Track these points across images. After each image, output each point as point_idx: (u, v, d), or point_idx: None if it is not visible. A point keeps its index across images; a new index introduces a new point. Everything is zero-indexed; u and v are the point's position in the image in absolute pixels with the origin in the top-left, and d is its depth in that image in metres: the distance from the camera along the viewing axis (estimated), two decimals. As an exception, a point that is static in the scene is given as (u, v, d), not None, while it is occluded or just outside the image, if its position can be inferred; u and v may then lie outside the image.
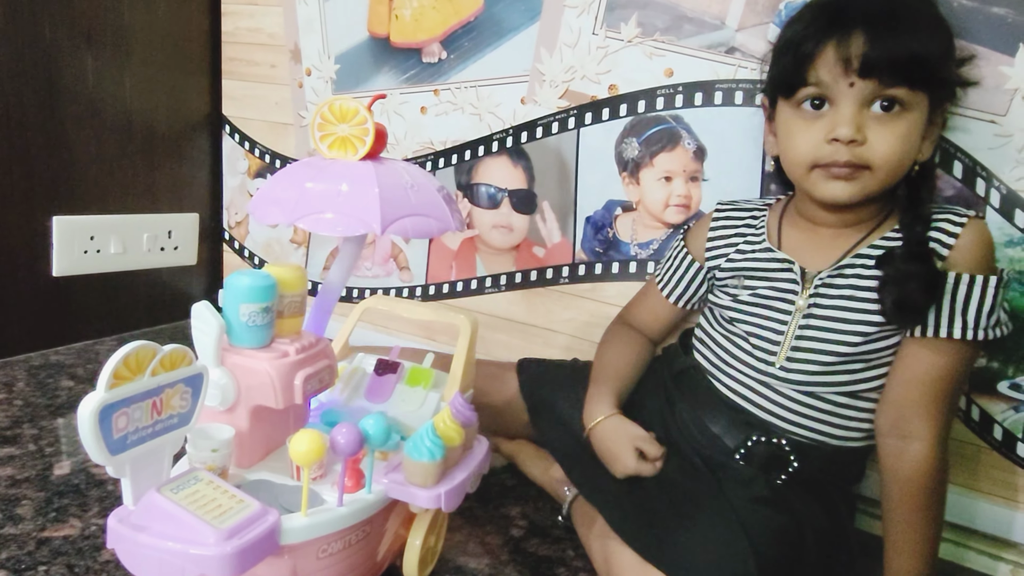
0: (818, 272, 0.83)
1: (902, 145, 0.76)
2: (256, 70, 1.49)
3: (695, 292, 0.96)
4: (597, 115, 1.13)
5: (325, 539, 0.64)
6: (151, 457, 0.59)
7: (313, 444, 0.61)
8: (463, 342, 0.86)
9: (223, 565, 0.54)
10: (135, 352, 0.56)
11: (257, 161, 1.54)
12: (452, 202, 0.82)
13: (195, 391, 0.63)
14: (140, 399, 0.57)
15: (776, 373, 0.84)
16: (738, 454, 0.86)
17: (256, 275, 0.67)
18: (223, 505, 0.58)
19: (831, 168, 0.78)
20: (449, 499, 0.70)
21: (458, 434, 0.71)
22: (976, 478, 0.94)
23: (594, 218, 1.17)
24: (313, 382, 0.69)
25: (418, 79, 1.30)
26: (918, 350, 0.78)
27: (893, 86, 0.74)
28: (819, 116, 0.78)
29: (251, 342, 0.68)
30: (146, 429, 0.58)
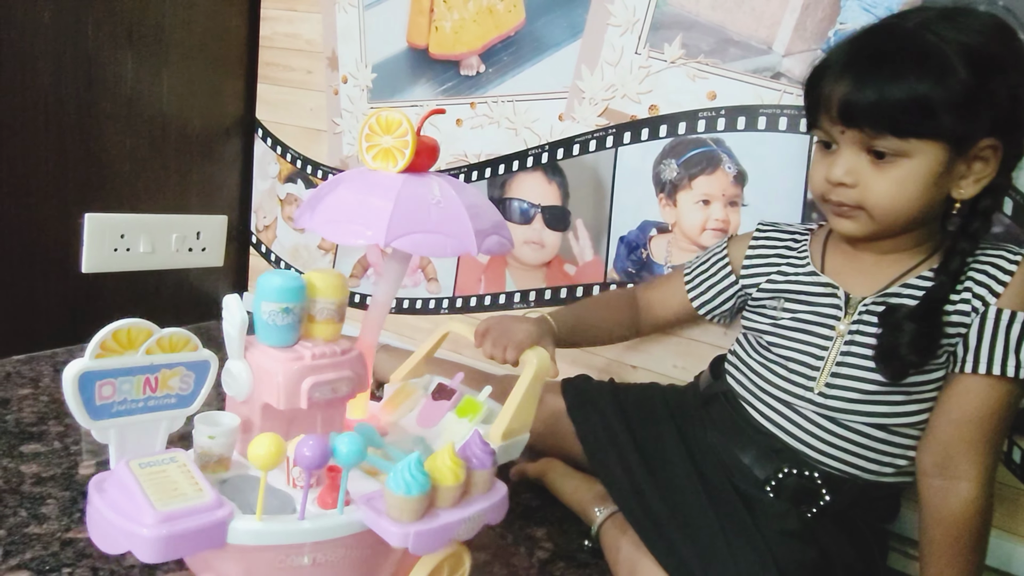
0: (862, 298, 0.82)
1: (896, 191, 0.75)
2: (292, 75, 1.50)
3: (720, 304, 0.97)
4: (636, 135, 1.12)
5: (282, 549, 0.61)
6: (142, 430, 0.63)
7: (272, 449, 0.59)
8: (524, 379, 0.78)
9: (149, 546, 0.55)
10: (127, 328, 0.60)
11: (288, 166, 1.54)
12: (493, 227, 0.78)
13: (199, 376, 0.66)
14: (130, 373, 0.61)
15: (814, 399, 0.82)
16: (768, 486, 0.84)
17: (284, 276, 0.69)
18: (180, 490, 0.59)
19: (832, 205, 0.80)
20: (420, 541, 0.62)
21: (454, 474, 0.65)
22: (1015, 521, 0.91)
23: (628, 238, 1.16)
24: (324, 390, 0.69)
25: (455, 91, 1.30)
26: (969, 387, 0.77)
27: (878, 135, 0.73)
28: (829, 154, 0.79)
29: (271, 340, 0.70)
30: (136, 403, 0.62)
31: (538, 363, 0.79)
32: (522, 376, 0.78)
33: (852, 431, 0.82)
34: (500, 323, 0.86)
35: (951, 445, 0.77)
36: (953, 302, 0.77)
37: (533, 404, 0.78)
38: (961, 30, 0.72)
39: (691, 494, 0.82)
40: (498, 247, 0.78)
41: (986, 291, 0.76)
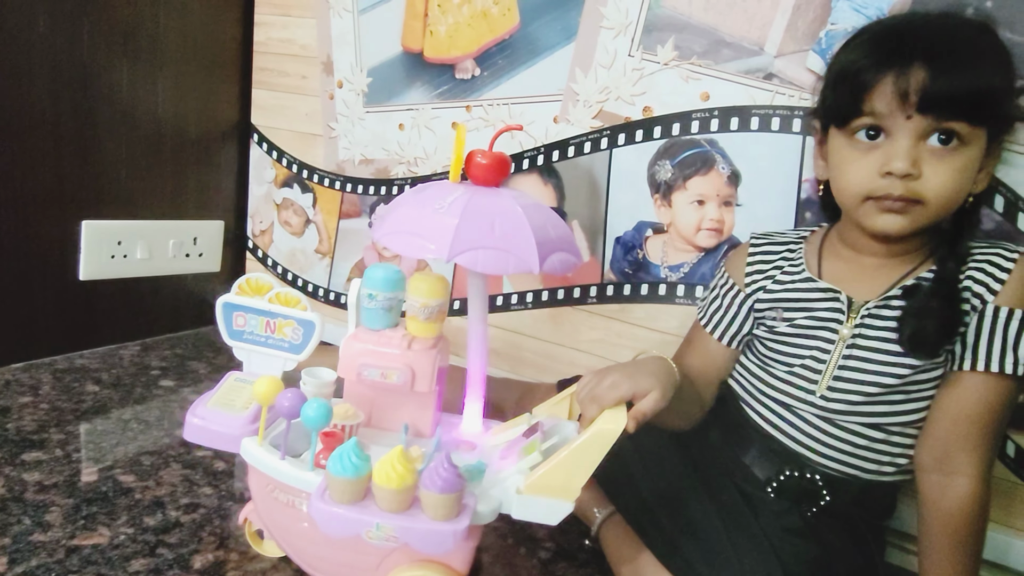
0: (865, 302, 0.82)
1: (958, 180, 0.75)
2: (287, 80, 1.50)
3: (747, 329, 0.92)
4: (631, 136, 1.13)
5: (265, 478, 0.74)
6: (264, 360, 0.83)
7: (267, 389, 0.71)
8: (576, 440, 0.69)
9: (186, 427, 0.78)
10: (256, 279, 0.81)
11: (284, 171, 1.55)
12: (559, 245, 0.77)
13: (306, 332, 0.81)
14: (256, 313, 0.82)
15: (816, 402, 0.83)
16: (770, 487, 0.85)
17: (378, 266, 0.80)
18: (235, 403, 0.79)
19: (884, 201, 0.77)
20: (322, 518, 0.66)
21: (388, 477, 0.65)
22: (1010, 515, 0.92)
23: (624, 239, 1.17)
24: (372, 371, 0.77)
25: (451, 95, 1.30)
26: (967, 384, 0.77)
27: (952, 120, 0.73)
28: (873, 147, 0.77)
29: (363, 321, 0.81)
30: (259, 336, 0.82)
31: (600, 426, 0.68)
32: (579, 435, 0.70)
33: (853, 433, 0.82)
34: (597, 374, 0.76)
35: (949, 441, 0.78)
36: None
37: (583, 469, 0.68)
38: (980, 28, 0.75)
39: (692, 493, 0.83)
40: (562, 265, 0.76)
41: (984, 289, 0.77)
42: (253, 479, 0.77)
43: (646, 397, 0.73)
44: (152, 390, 1.25)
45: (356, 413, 0.76)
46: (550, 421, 0.81)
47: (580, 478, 0.68)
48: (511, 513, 0.70)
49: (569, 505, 0.69)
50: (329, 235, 1.51)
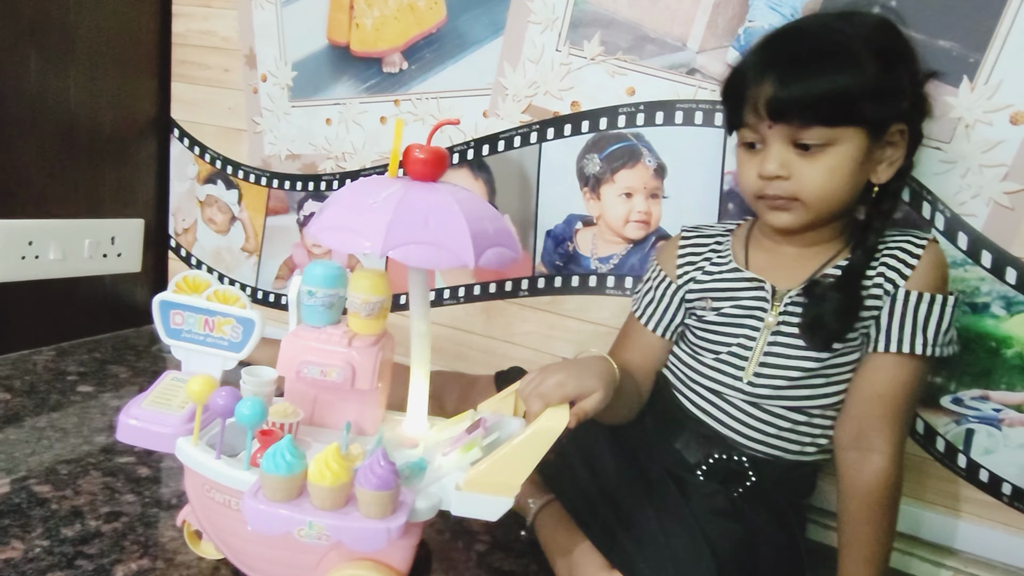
0: (788, 290, 0.85)
1: (827, 178, 0.79)
2: (208, 74, 1.46)
3: (680, 319, 0.95)
4: (559, 130, 1.14)
5: (201, 478, 0.72)
6: (203, 359, 0.81)
7: (201, 388, 0.70)
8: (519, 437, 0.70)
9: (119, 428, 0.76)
10: (193, 277, 0.81)
11: (207, 167, 1.50)
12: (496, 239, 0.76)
13: (246, 330, 0.80)
14: (193, 311, 0.80)
15: (744, 388, 0.86)
16: (699, 470, 0.88)
17: (318, 263, 0.80)
18: (171, 402, 0.78)
19: (767, 200, 0.83)
20: (253, 516, 0.65)
21: (321, 475, 0.64)
22: (922, 488, 0.97)
23: (555, 232, 1.18)
24: (312, 368, 0.76)
25: (378, 89, 1.29)
26: (880, 365, 0.82)
27: (808, 127, 0.77)
28: (756, 153, 0.83)
29: (303, 318, 0.80)
30: (197, 335, 0.81)
31: (543, 423, 0.69)
32: (520, 432, 0.71)
33: (777, 416, 0.86)
34: (541, 372, 0.76)
35: (865, 420, 0.82)
36: (867, 287, 0.82)
37: (524, 466, 0.68)
38: (858, 27, 0.78)
39: (625, 479, 0.84)
40: (498, 260, 0.75)
41: (896, 274, 0.81)
42: (189, 480, 0.75)
43: (589, 397, 0.75)
44: (69, 396, 1.19)
45: (295, 411, 0.75)
46: (494, 417, 0.81)
47: (521, 474, 0.68)
48: (451, 510, 0.70)
49: (509, 501, 0.69)
50: (256, 232, 1.47)
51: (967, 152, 0.89)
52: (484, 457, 0.71)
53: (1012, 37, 0.86)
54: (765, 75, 0.78)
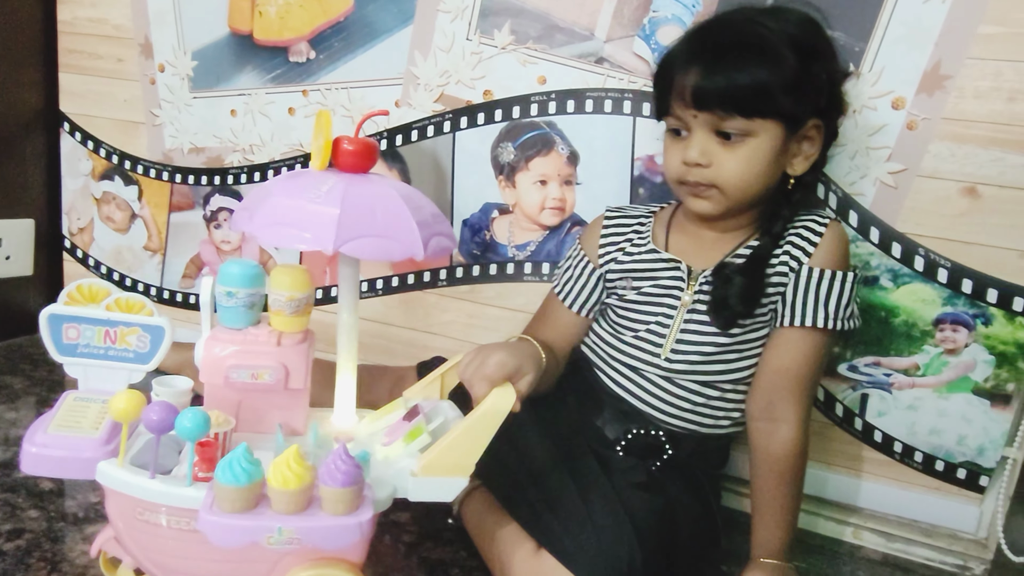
0: (703, 271, 0.89)
1: (745, 167, 0.83)
2: (100, 64, 1.38)
3: (597, 298, 0.98)
4: (473, 120, 1.15)
5: (132, 500, 0.67)
6: (106, 375, 0.76)
7: (128, 405, 0.65)
8: (470, 416, 0.71)
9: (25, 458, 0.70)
10: (88, 285, 0.75)
11: (103, 162, 1.42)
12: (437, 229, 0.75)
13: (154, 339, 0.76)
14: (91, 323, 0.74)
15: (661, 364, 0.90)
16: (619, 446, 0.91)
17: (234, 262, 0.76)
18: (81, 424, 0.71)
19: (688, 186, 0.87)
20: (214, 531, 0.63)
21: (285, 479, 0.63)
22: (825, 452, 1.04)
23: (471, 221, 1.19)
24: (241, 372, 0.73)
25: (285, 79, 1.26)
26: (786, 339, 0.86)
27: (729, 117, 0.81)
28: (681, 140, 0.86)
29: (222, 320, 0.76)
30: (97, 349, 0.75)
31: (492, 402, 0.71)
32: (471, 413, 0.72)
33: (693, 392, 0.90)
34: (479, 353, 0.77)
35: (773, 392, 0.87)
36: (773, 264, 0.87)
37: (476, 445, 0.70)
38: (782, 23, 0.82)
39: (550, 459, 0.86)
40: (441, 250, 0.75)
41: (800, 252, 0.86)
42: (115, 505, 0.69)
43: (523, 379, 0.76)
44: (-42, 410, 1.11)
45: (227, 419, 0.72)
46: (429, 403, 0.81)
47: (474, 454, 0.70)
48: (407, 496, 0.71)
49: (464, 480, 0.71)
50: (159, 230, 1.41)
51: (855, 136, 0.95)
52: (434, 442, 0.72)
53: (891, 28, 0.92)
54: (691, 64, 0.81)
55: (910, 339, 0.98)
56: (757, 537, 0.89)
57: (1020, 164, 0.89)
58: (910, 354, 0.98)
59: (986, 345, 0.95)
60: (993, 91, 0.89)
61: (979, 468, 0.98)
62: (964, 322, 0.95)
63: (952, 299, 0.95)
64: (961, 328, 0.95)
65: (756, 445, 0.89)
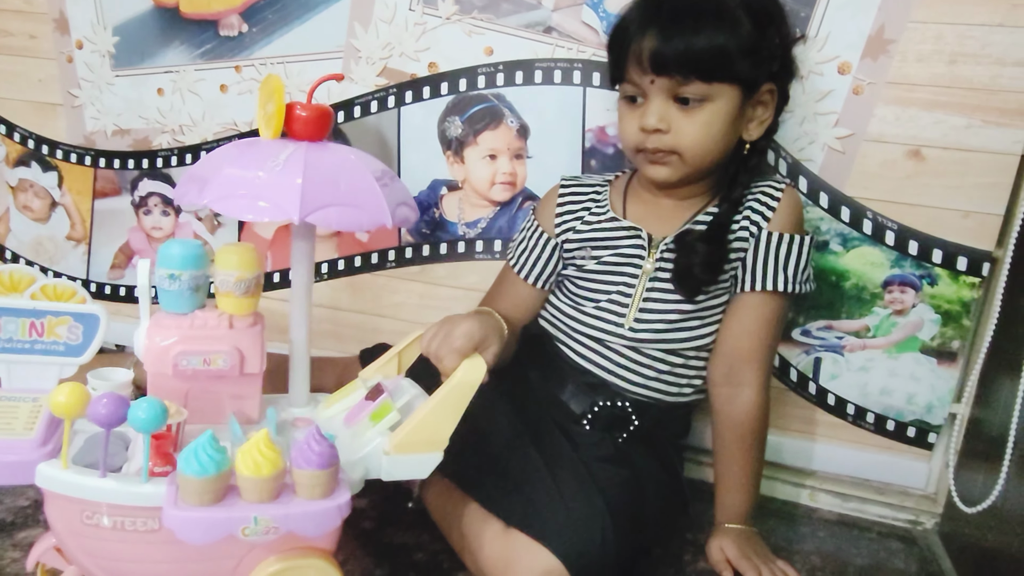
0: (663, 238, 0.88)
1: (704, 132, 0.83)
2: (10, 41, 1.28)
3: (553, 269, 0.96)
4: (418, 93, 1.11)
5: (80, 504, 0.61)
6: (32, 371, 0.69)
7: (71, 398, 0.59)
8: (441, 390, 0.70)
9: None
10: (9, 272, 0.67)
11: (18, 147, 1.33)
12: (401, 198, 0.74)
13: (88, 329, 0.70)
14: (13, 314, 0.68)
15: (625, 334, 0.88)
16: (585, 419, 0.89)
17: (175, 242, 0.70)
18: (11, 425, 0.64)
19: (646, 153, 0.85)
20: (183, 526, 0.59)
21: (256, 465, 0.60)
22: (781, 418, 1.05)
23: (419, 199, 1.15)
24: (193, 359, 0.69)
25: (215, 54, 1.19)
26: (747, 303, 0.87)
27: (688, 82, 0.80)
28: (637, 107, 0.85)
29: (165, 306, 0.71)
30: (23, 343, 0.68)
31: (463, 374, 0.70)
32: (442, 386, 0.70)
33: (657, 360, 0.89)
34: (443, 325, 0.75)
35: (735, 357, 0.87)
36: (734, 230, 0.86)
37: (449, 419, 0.69)
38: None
39: (514, 434, 0.84)
40: (404, 219, 0.73)
41: (760, 217, 0.86)
42: (58, 510, 0.63)
43: (488, 349, 0.75)
44: None
45: (179, 410, 0.67)
46: (389, 381, 0.77)
47: (448, 428, 0.69)
48: (380, 476, 0.69)
49: (439, 455, 0.69)
50: (83, 218, 1.32)
51: (803, 101, 0.96)
52: (404, 419, 0.70)
53: (836, -8, 0.93)
54: (648, 29, 0.80)
55: (860, 302, 1.00)
56: (721, 503, 0.90)
57: (961, 125, 0.91)
58: (860, 316, 1.00)
59: (932, 304, 0.97)
60: (935, 54, 0.91)
61: (928, 425, 1.01)
62: (911, 283, 0.97)
63: (899, 261, 0.97)
64: (908, 289, 0.98)
65: (718, 410, 0.89)
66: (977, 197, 0.92)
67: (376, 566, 0.82)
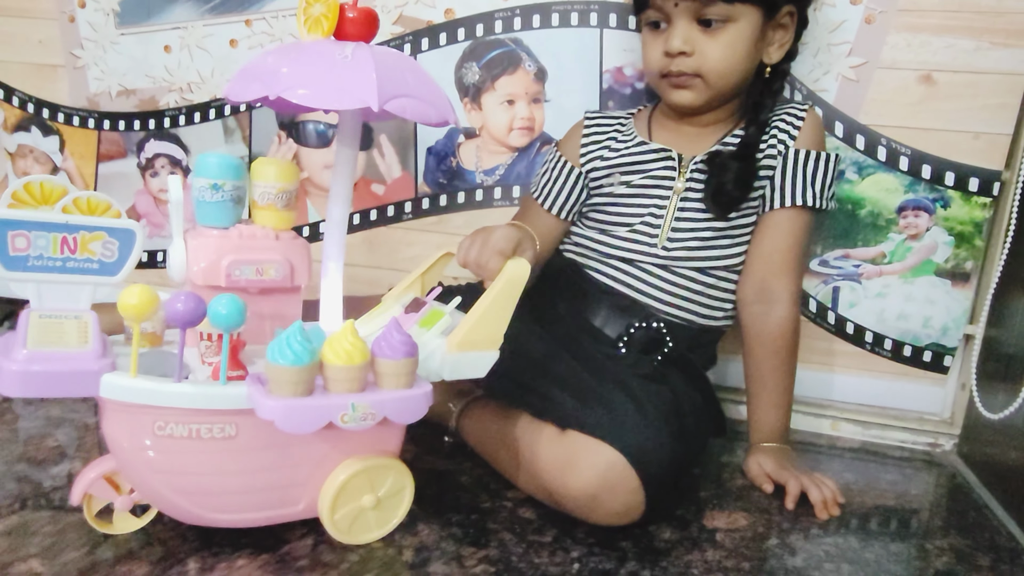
0: (692, 157, 0.90)
1: (728, 53, 0.85)
2: (8, 3, 1.26)
3: (577, 199, 0.97)
4: (434, 40, 1.12)
5: (155, 411, 0.60)
6: (64, 292, 0.63)
7: (142, 299, 0.58)
8: (493, 288, 0.71)
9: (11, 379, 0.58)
10: (40, 182, 0.61)
11: (17, 112, 1.30)
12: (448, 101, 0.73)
13: (123, 245, 0.64)
14: (44, 229, 0.61)
15: (658, 253, 0.90)
16: (621, 342, 0.90)
17: (216, 154, 0.69)
18: (64, 339, 0.61)
19: (671, 78, 0.88)
20: (288, 415, 0.59)
21: (347, 355, 0.61)
22: (803, 351, 1.03)
23: (436, 148, 1.15)
24: (246, 269, 0.68)
25: (225, 8, 1.19)
26: (777, 220, 0.89)
27: (711, 2, 0.83)
28: (661, 32, 0.87)
29: (204, 219, 0.69)
30: (54, 261, 0.62)
31: (511, 272, 0.71)
32: (492, 285, 0.71)
33: (688, 279, 0.91)
34: (478, 234, 0.76)
35: (767, 273, 0.89)
36: (762, 149, 0.89)
37: (503, 317, 0.71)
38: None
39: (555, 355, 0.84)
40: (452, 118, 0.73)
41: (786, 136, 0.89)
42: (123, 424, 0.61)
43: (525, 253, 0.75)
44: None
45: None
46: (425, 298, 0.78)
47: (502, 325, 0.71)
48: (443, 376, 0.69)
49: (495, 353, 0.71)
50: (86, 182, 1.30)
51: (816, 33, 0.99)
52: (462, 320, 0.70)
53: (846, -74, 0.96)
54: None
55: (876, 228, 1.03)
56: (756, 422, 0.91)
57: (970, 48, 0.95)
58: (876, 243, 1.03)
59: (945, 227, 1.00)
60: (943, -21, 0.94)
61: (943, 349, 1.04)
62: (925, 207, 1.01)
63: (913, 186, 1.00)
64: (922, 213, 1.01)
65: (751, 329, 0.91)
66: (987, 118, 0.96)
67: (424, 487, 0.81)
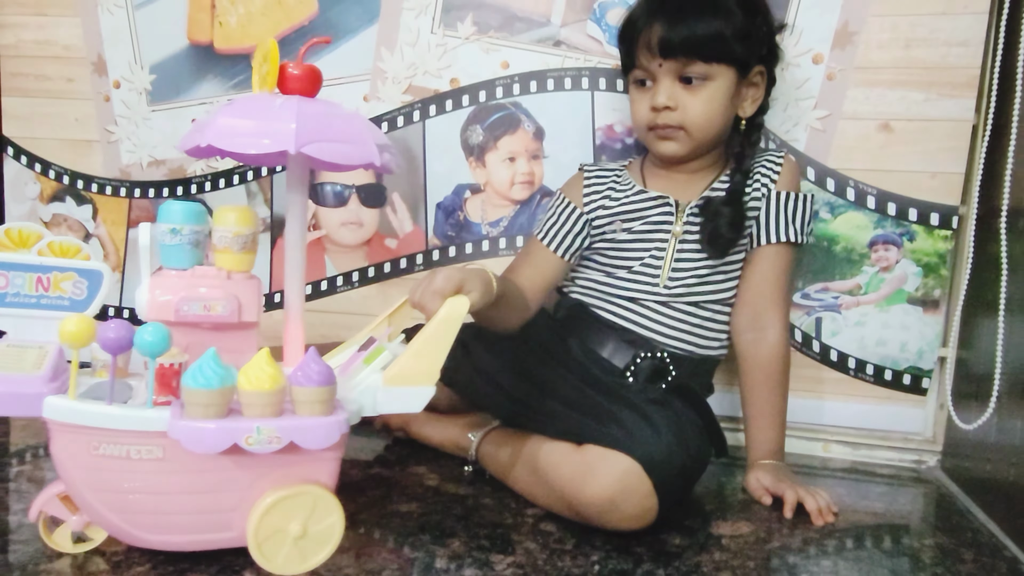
0: (688, 202, 1.01)
1: (707, 108, 0.97)
2: (48, 85, 1.37)
3: (580, 243, 1.06)
4: (441, 107, 1.23)
5: (88, 435, 0.65)
6: (40, 326, 0.70)
7: (80, 327, 0.62)
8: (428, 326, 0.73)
9: None
10: (18, 229, 0.71)
11: (52, 184, 1.40)
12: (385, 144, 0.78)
13: (92, 284, 0.72)
14: (21, 269, 0.70)
15: (661, 291, 1.00)
16: (628, 372, 0.99)
17: (178, 201, 0.76)
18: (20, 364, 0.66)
19: (657, 130, 0.99)
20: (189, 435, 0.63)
21: (258, 380, 0.64)
22: (793, 379, 1.11)
23: (444, 203, 1.26)
24: (194, 305, 0.71)
25: (248, 84, 1.30)
26: (764, 255, 1.00)
27: (691, 63, 0.95)
28: (647, 90, 0.99)
29: (165, 261, 0.73)
30: (30, 298, 0.70)
31: (447, 311, 0.73)
32: (428, 324, 0.73)
33: (688, 313, 1.00)
34: (427, 275, 0.79)
35: (758, 303, 1.00)
36: (748, 194, 1.00)
37: (438, 354, 0.72)
38: None
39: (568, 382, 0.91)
40: (391, 164, 0.77)
41: (768, 180, 1.01)
42: (66, 444, 0.66)
43: (470, 293, 0.78)
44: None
45: (180, 352, 0.70)
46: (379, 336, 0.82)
47: (438, 362, 0.72)
48: (376, 410, 0.72)
49: (431, 389, 0.73)
50: (117, 247, 1.39)
51: (785, 90, 1.11)
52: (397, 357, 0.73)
53: (803, -4, 1.09)
54: (654, 20, 0.95)
55: (850, 263, 1.12)
56: (754, 441, 0.99)
57: (921, 99, 1.07)
58: (852, 276, 1.13)
59: (913, 259, 1.10)
60: (892, 41, 1.07)
61: (920, 371, 1.12)
62: (893, 241, 1.11)
63: (881, 222, 1.10)
64: (891, 247, 1.11)
65: (746, 355, 1.00)
66: (941, 159, 1.07)
67: (450, 508, 0.87)
